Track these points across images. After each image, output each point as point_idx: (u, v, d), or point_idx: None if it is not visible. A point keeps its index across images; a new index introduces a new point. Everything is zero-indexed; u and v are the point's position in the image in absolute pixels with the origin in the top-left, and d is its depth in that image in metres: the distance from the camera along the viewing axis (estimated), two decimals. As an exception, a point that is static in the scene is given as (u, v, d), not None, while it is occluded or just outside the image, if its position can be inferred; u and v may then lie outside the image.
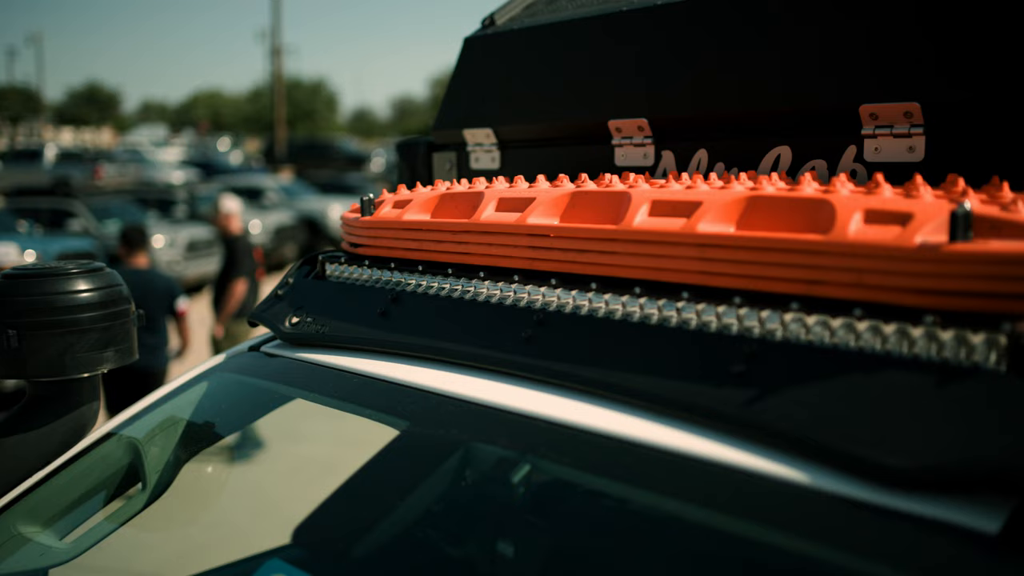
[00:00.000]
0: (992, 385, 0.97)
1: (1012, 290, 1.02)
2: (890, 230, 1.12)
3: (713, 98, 1.79)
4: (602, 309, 1.37)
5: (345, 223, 1.93)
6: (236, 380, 1.88)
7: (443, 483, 1.41)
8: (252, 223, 17.11)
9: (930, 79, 1.51)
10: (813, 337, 1.14)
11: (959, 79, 1.48)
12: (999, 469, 0.90)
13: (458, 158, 2.33)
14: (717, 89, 1.78)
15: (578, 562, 1.36)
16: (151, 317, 6.16)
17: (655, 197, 1.39)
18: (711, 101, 1.79)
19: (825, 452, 1.03)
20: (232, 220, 7.34)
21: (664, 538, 1.28)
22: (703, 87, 1.80)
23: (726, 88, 1.77)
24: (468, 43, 2.33)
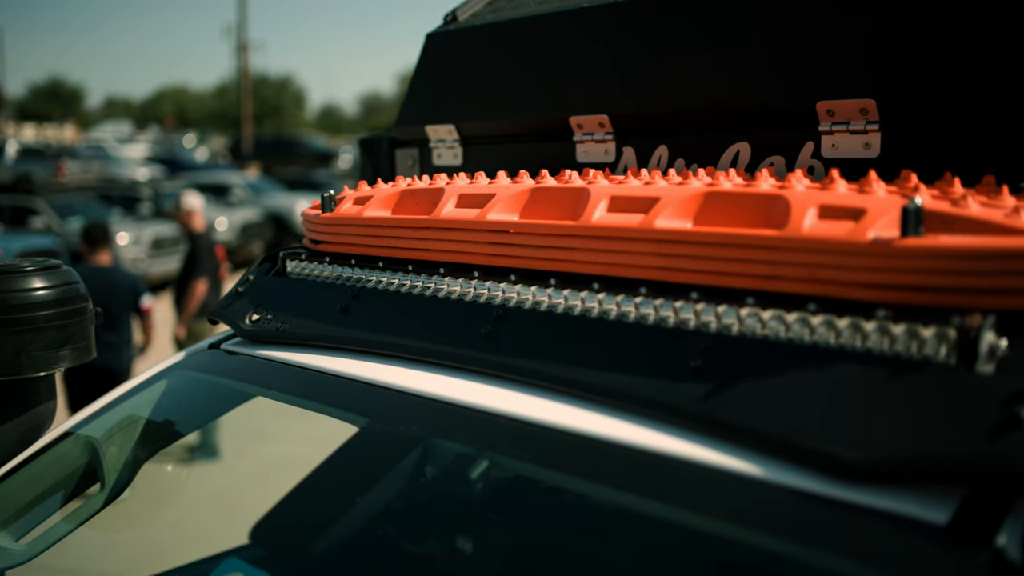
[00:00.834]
0: (942, 378, 0.99)
1: (961, 284, 1.03)
2: (843, 225, 1.13)
3: (673, 95, 1.79)
4: (561, 305, 1.38)
5: (306, 220, 1.92)
6: (196, 378, 1.86)
7: (402, 480, 1.40)
8: (218, 220, 16.96)
9: (885, 76, 1.52)
10: (769, 332, 1.15)
11: (914, 77, 1.50)
12: (948, 461, 0.92)
13: (421, 154, 2.33)
14: (678, 86, 1.79)
15: (537, 557, 1.36)
16: (114, 315, 6.09)
17: (614, 193, 1.39)
18: (672, 98, 1.80)
19: (779, 446, 1.04)
20: (194, 217, 7.26)
21: (622, 533, 1.28)
22: (664, 84, 1.81)
23: (686, 85, 1.78)
24: (430, 39, 2.32)
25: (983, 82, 1.43)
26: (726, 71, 1.72)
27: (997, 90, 1.42)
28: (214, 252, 7.20)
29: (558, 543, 1.33)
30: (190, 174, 25.88)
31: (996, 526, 0.89)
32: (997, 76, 1.42)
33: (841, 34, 1.58)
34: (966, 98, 1.45)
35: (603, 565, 1.29)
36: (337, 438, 1.67)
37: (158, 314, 7.58)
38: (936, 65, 1.48)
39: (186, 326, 6.87)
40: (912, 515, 0.93)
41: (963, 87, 1.45)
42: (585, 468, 1.20)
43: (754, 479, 1.04)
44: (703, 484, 1.08)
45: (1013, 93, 1.41)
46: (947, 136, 1.49)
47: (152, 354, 6.70)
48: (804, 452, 1.01)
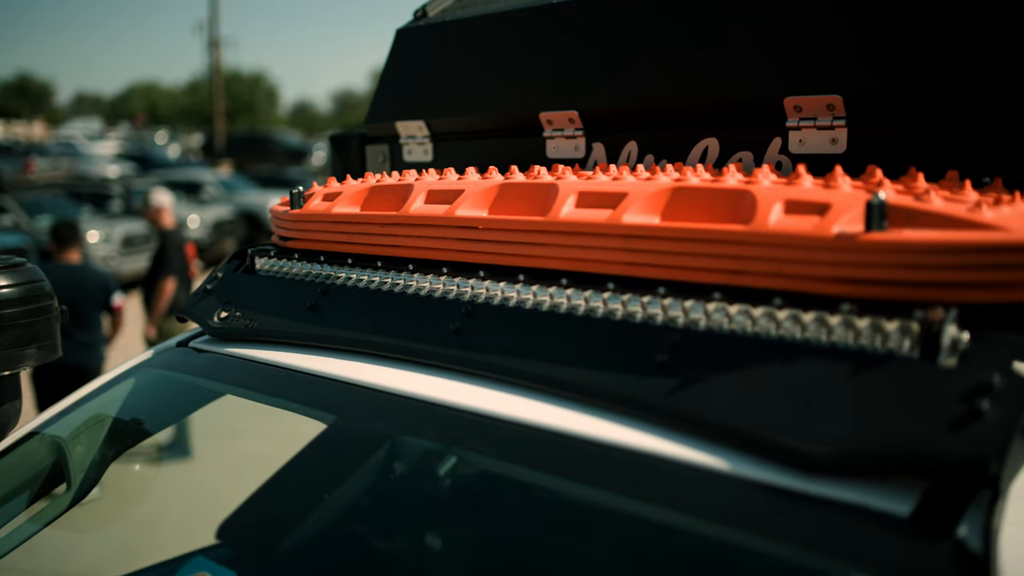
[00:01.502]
0: (905, 371, 0.99)
1: (924, 278, 1.04)
2: (809, 220, 1.14)
3: (643, 91, 1.80)
4: (530, 301, 1.38)
5: (274, 216, 1.91)
6: (164, 376, 1.85)
7: (370, 476, 1.40)
8: (190, 218, 16.85)
9: (852, 72, 1.54)
10: (735, 326, 1.16)
11: (880, 72, 1.51)
12: (910, 454, 0.92)
13: (391, 151, 2.32)
14: (647, 82, 1.79)
15: (505, 554, 1.36)
16: (84, 314, 6.03)
17: (582, 189, 1.39)
18: (641, 94, 1.80)
19: (745, 440, 1.04)
20: (163, 214, 7.19)
21: (590, 529, 1.28)
22: (633, 80, 1.81)
23: (656, 81, 1.78)
24: (400, 35, 2.32)
25: (949, 78, 1.45)
26: (695, 67, 1.73)
27: (963, 85, 1.44)
28: (183, 250, 7.14)
29: (526, 539, 1.33)
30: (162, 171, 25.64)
31: (957, 517, 0.90)
32: (962, 71, 1.44)
33: (808, 30, 1.59)
34: (932, 93, 1.47)
35: (572, 561, 1.29)
36: (307, 435, 1.66)
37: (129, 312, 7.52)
38: (902, 61, 1.49)
39: (156, 325, 6.81)
40: (875, 507, 0.94)
41: (929, 83, 1.46)
42: (553, 464, 1.20)
43: (720, 473, 1.04)
44: (669, 479, 1.08)
45: (978, 88, 1.42)
46: (913, 131, 1.50)
47: (123, 352, 6.63)
48: (769, 446, 1.02)
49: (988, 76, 1.41)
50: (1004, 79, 1.40)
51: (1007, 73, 1.39)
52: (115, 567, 2.06)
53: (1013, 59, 1.39)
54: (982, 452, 0.88)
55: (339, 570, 1.40)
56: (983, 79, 1.41)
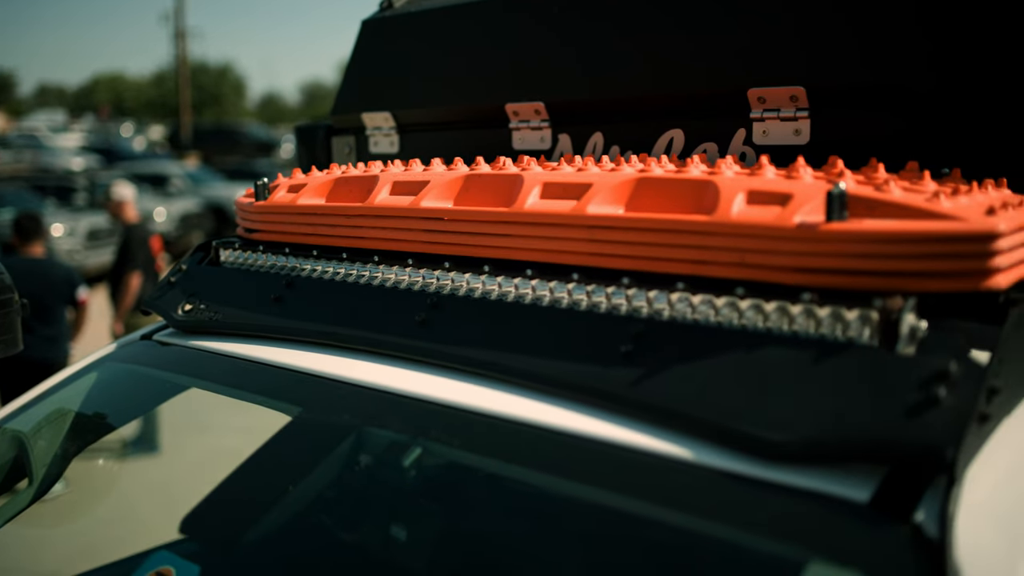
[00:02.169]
0: (865, 359, 1.01)
1: (883, 267, 1.05)
2: (771, 210, 1.15)
3: (608, 82, 1.80)
4: (495, 292, 1.38)
5: (239, 208, 1.89)
6: (127, 370, 1.83)
7: (334, 468, 1.39)
8: (156, 211, 16.67)
9: (815, 64, 1.55)
10: (699, 316, 1.16)
11: (842, 64, 1.52)
12: (869, 441, 0.93)
13: (357, 142, 2.31)
14: (612, 73, 1.80)
15: (471, 544, 1.36)
16: (49, 308, 5.95)
17: (547, 180, 1.39)
18: (606, 85, 1.81)
19: (708, 428, 1.05)
20: (126, 207, 7.09)
21: (555, 517, 1.29)
22: (598, 71, 1.82)
23: (620, 72, 1.79)
24: (366, 26, 2.30)
25: (911, 69, 1.46)
26: (660, 58, 1.73)
27: (923, 77, 1.45)
28: (147, 244, 7.04)
29: (492, 530, 1.34)
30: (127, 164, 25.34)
31: (915, 503, 0.91)
32: (923, 63, 1.45)
33: (772, 22, 1.60)
34: (894, 85, 1.48)
35: (537, 551, 1.29)
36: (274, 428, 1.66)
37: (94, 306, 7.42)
38: (864, 52, 1.50)
39: (123, 321, 6.73)
40: (835, 493, 0.95)
41: (891, 74, 1.48)
42: (517, 454, 1.20)
43: (684, 462, 1.05)
44: (634, 468, 1.08)
45: (939, 80, 1.44)
46: (875, 122, 1.52)
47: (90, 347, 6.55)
48: (732, 434, 1.03)
49: (951, 68, 1.43)
50: (966, 71, 1.41)
51: (968, 65, 1.41)
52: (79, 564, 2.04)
53: (974, 51, 1.40)
54: (938, 439, 0.89)
55: (304, 562, 1.39)
56: (946, 71, 1.43)
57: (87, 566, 1.94)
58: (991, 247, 1.02)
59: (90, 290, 7.27)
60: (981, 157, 1.41)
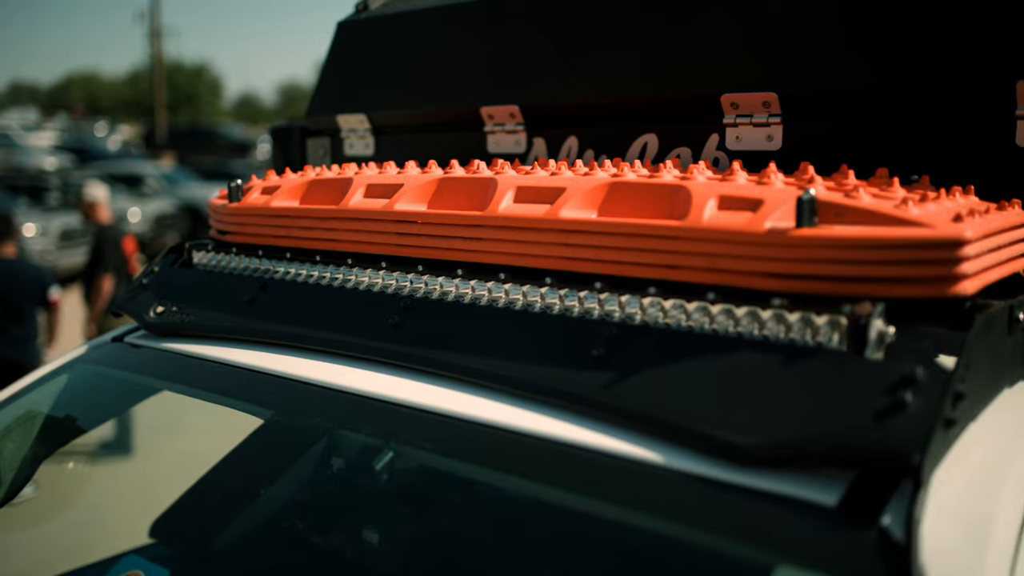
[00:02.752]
0: (833, 364, 1.01)
1: (852, 273, 1.06)
2: (742, 216, 1.16)
3: (582, 86, 1.81)
4: (468, 295, 1.38)
5: (212, 210, 1.88)
6: (98, 372, 1.81)
7: (306, 472, 1.39)
8: (131, 211, 16.53)
9: (787, 70, 1.56)
10: (670, 320, 1.17)
11: (815, 70, 1.54)
12: (837, 445, 0.94)
13: (332, 144, 2.30)
14: (587, 77, 1.80)
15: (442, 547, 1.36)
16: (19, 309, 5.88)
17: (520, 183, 1.40)
18: (581, 89, 1.81)
19: (678, 432, 1.06)
20: (98, 208, 7.02)
21: (527, 522, 1.29)
22: (573, 75, 1.82)
23: (595, 76, 1.79)
24: (341, 27, 2.30)
25: (883, 76, 1.48)
26: (634, 63, 1.74)
27: (897, 83, 1.47)
28: (120, 245, 6.97)
29: (463, 532, 1.34)
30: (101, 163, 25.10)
31: (881, 507, 0.92)
32: (897, 68, 1.47)
33: (745, 27, 1.62)
34: (867, 91, 1.50)
35: (508, 554, 1.30)
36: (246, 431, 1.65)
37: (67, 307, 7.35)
38: (836, 59, 1.52)
39: (96, 323, 6.66)
40: (803, 497, 0.96)
41: (863, 80, 1.49)
42: (489, 457, 1.21)
43: (654, 465, 1.06)
44: (604, 472, 1.09)
45: (909, 86, 1.46)
46: (847, 128, 1.53)
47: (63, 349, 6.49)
48: (701, 438, 1.03)
49: (921, 74, 1.44)
50: (937, 78, 1.43)
51: (940, 71, 1.43)
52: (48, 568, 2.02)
53: (945, 57, 1.42)
54: (904, 443, 0.90)
55: (274, 565, 1.39)
56: (917, 77, 1.44)
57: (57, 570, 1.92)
58: (958, 253, 1.03)
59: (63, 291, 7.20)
60: (951, 163, 1.42)
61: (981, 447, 1.02)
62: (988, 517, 0.92)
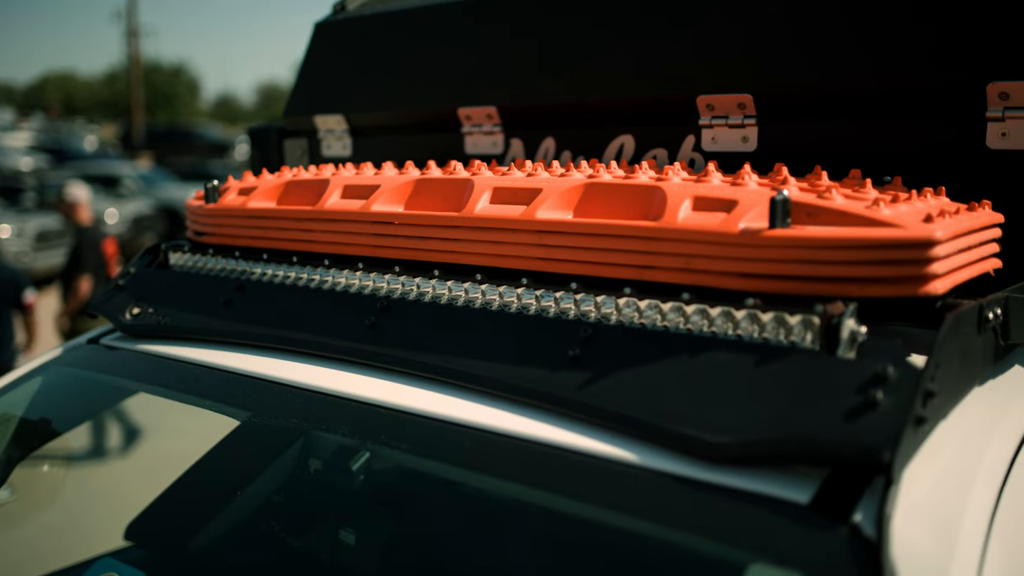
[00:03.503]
0: (806, 363, 1.02)
1: (824, 273, 1.07)
2: (716, 216, 1.16)
3: (559, 87, 1.81)
4: (445, 296, 1.38)
5: (189, 211, 1.88)
6: (73, 374, 1.80)
7: (282, 473, 1.39)
8: (108, 212, 16.39)
9: (761, 72, 1.57)
10: (645, 320, 1.18)
11: (790, 73, 1.55)
12: (809, 443, 0.95)
13: (310, 145, 2.30)
14: (563, 79, 1.81)
15: (419, 547, 1.36)
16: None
17: (496, 184, 1.40)
18: (557, 90, 1.82)
19: (653, 431, 1.06)
20: (79, 209, 6.96)
21: (502, 521, 1.29)
22: (550, 76, 1.83)
23: (572, 78, 1.80)
24: (319, 28, 2.30)
25: (856, 76, 1.49)
26: (611, 65, 1.75)
27: (866, 86, 1.48)
28: (100, 247, 6.91)
29: (440, 532, 1.34)
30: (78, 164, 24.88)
31: (853, 504, 0.93)
32: (870, 70, 1.48)
33: (721, 30, 1.63)
34: (841, 93, 1.51)
35: (484, 554, 1.30)
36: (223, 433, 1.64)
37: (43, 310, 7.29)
38: (809, 61, 1.53)
39: (70, 316, 6.60)
40: (776, 495, 0.97)
41: (838, 83, 1.50)
42: (466, 458, 1.21)
43: (629, 465, 1.06)
44: (580, 471, 1.09)
45: (881, 89, 1.47)
46: (822, 130, 1.55)
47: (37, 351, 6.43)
48: (676, 437, 1.04)
49: (893, 77, 1.45)
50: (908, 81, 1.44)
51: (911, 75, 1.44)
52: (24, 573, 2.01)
53: (916, 61, 1.43)
54: (875, 441, 0.91)
55: (250, 567, 1.38)
56: (889, 80, 1.46)
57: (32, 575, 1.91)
58: (928, 254, 1.04)
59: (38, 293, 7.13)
60: (924, 165, 1.43)
61: (951, 445, 1.03)
62: (957, 514, 0.93)
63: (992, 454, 1.03)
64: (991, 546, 0.91)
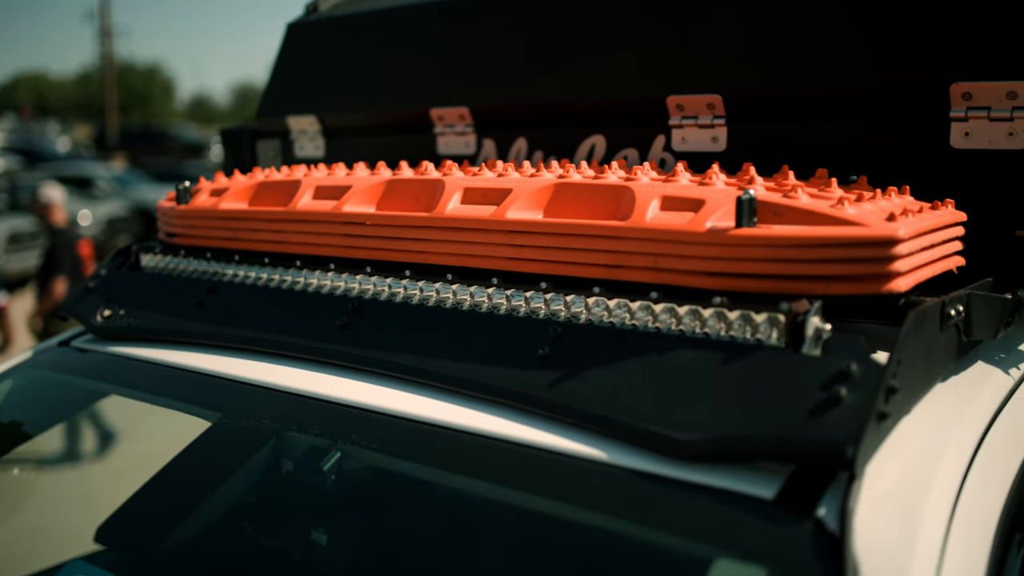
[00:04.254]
0: (772, 361, 1.04)
1: (790, 272, 1.09)
2: (683, 216, 1.18)
3: (531, 88, 1.82)
4: (416, 296, 1.38)
5: (160, 212, 1.87)
6: (44, 377, 1.79)
7: (254, 474, 1.39)
8: (81, 214, 16.24)
9: (731, 73, 1.59)
10: (614, 319, 1.19)
11: (758, 73, 1.56)
12: (774, 440, 0.96)
13: (283, 146, 2.29)
14: (535, 79, 1.82)
15: (392, 547, 1.37)
16: (-34, 313, 5.78)
17: (467, 185, 1.41)
18: (529, 91, 1.82)
19: (622, 428, 1.07)
20: (54, 211, 6.91)
21: (473, 519, 1.30)
22: (522, 77, 1.84)
23: (544, 78, 1.81)
24: (291, 29, 2.29)
25: (821, 79, 1.51)
26: (582, 66, 1.76)
27: (834, 86, 1.50)
28: (75, 249, 6.86)
29: (411, 532, 1.34)
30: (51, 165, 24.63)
31: (817, 499, 0.94)
32: (834, 73, 1.50)
33: (691, 31, 1.64)
34: (810, 93, 1.52)
35: (457, 552, 1.30)
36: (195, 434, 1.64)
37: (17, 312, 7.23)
38: (778, 62, 1.54)
39: (43, 317, 6.54)
40: (742, 491, 0.98)
41: (803, 84, 1.52)
42: (437, 457, 1.21)
43: (598, 462, 1.07)
44: (551, 468, 1.10)
45: (849, 89, 1.49)
46: (790, 130, 1.56)
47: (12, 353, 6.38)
48: (644, 434, 1.05)
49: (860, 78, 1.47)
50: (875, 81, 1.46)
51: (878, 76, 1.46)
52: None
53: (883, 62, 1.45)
54: (839, 436, 0.92)
55: (222, 568, 1.38)
56: (856, 81, 1.47)
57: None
58: (891, 252, 1.06)
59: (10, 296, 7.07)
60: (890, 164, 1.45)
61: (914, 440, 1.05)
62: (919, 508, 0.95)
63: (954, 449, 1.05)
64: (951, 539, 0.92)
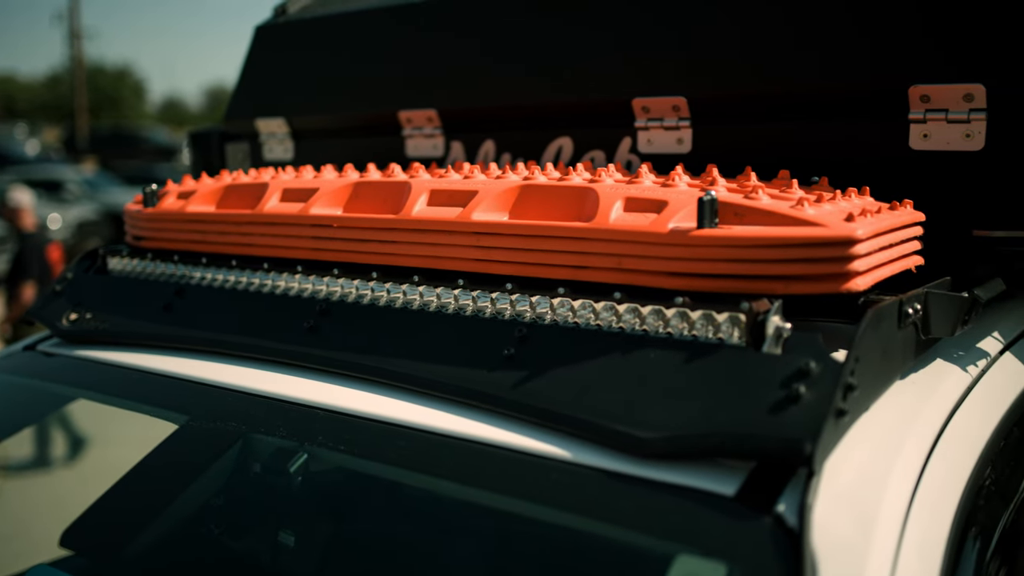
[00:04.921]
0: (733, 359, 1.05)
1: (750, 271, 1.10)
2: (646, 217, 1.19)
3: (498, 90, 1.83)
4: (383, 298, 1.39)
5: (127, 215, 1.86)
6: (8, 381, 1.78)
7: (220, 476, 1.39)
8: (51, 217, 16.08)
9: (695, 75, 1.60)
10: (579, 319, 1.20)
11: (720, 75, 1.58)
12: (735, 437, 0.98)
13: (252, 148, 2.29)
14: (502, 81, 1.83)
15: (359, 548, 1.37)
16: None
17: (434, 187, 1.41)
18: (496, 93, 1.83)
19: (585, 427, 1.08)
20: (23, 215, 6.84)
21: (441, 520, 1.31)
22: (489, 79, 1.85)
23: (510, 80, 1.82)
24: (260, 32, 2.29)
25: (782, 82, 1.53)
26: (549, 68, 1.77)
27: (796, 89, 1.52)
28: (44, 253, 6.80)
29: (379, 533, 1.35)
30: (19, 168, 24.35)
31: (777, 495, 0.96)
32: (796, 76, 1.52)
33: (657, 33, 1.65)
34: (768, 97, 1.54)
35: (424, 553, 1.31)
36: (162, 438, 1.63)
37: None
38: (741, 65, 1.56)
39: (12, 325, 6.48)
40: (703, 488, 0.99)
41: (770, 84, 1.54)
42: (402, 457, 1.22)
43: (561, 461, 1.08)
44: (515, 468, 1.11)
45: (810, 92, 1.51)
46: (754, 132, 1.58)
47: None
48: (607, 433, 1.06)
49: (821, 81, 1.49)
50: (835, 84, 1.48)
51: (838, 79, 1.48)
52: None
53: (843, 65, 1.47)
54: (797, 433, 0.94)
55: (188, 572, 1.38)
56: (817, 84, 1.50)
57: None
58: (850, 252, 1.08)
59: (-22, 300, 6.99)
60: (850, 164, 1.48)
61: (872, 436, 1.07)
62: (877, 503, 0.96)
63: (911, 445, 1.07)
64: (908, 534, 0.94)
